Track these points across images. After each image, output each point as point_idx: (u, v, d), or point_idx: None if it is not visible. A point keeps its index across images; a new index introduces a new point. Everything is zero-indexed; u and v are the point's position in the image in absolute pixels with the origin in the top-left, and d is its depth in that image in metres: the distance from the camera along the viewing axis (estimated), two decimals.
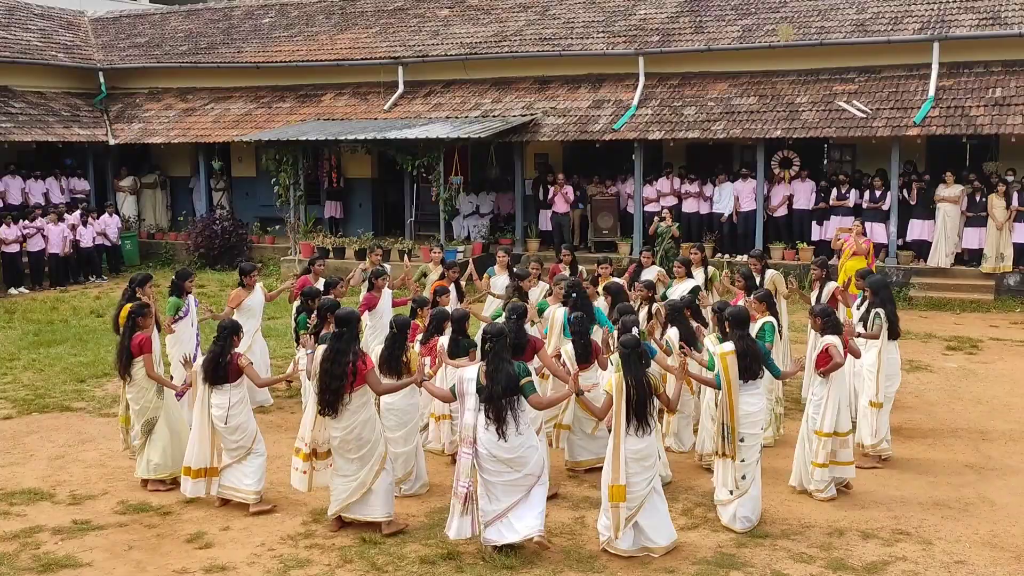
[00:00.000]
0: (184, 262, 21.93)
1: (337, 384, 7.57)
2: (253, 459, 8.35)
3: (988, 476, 9.04)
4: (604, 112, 19.91)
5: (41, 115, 22.77)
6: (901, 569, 7.10)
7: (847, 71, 19.21)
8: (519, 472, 7.25)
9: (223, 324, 8.53)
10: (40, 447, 10.10)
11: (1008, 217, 17.29)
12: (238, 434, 8.30)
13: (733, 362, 7.85)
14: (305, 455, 7.96)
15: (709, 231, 19.71)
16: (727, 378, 7.84)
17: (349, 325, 7.81)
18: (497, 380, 7.19)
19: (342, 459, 7.79)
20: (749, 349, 7.95)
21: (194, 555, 7.47)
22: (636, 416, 7.20)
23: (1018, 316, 16.19)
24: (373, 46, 23.02)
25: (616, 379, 7.29)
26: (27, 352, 14.17)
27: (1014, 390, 11.86)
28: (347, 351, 7.63)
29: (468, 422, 7.34)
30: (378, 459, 7.74)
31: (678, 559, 7.27)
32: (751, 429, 7.91)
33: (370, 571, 7.12)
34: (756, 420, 7.97)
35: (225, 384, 8.25)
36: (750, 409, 7.91)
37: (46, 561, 7.32)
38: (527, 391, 7.27)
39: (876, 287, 9.76)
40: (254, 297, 11.31)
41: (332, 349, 7.66)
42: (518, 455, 7.22)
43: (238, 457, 8.32)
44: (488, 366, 7.27)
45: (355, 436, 7.67)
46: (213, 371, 8.25)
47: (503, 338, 7.40)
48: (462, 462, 7.34)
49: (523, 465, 7.25)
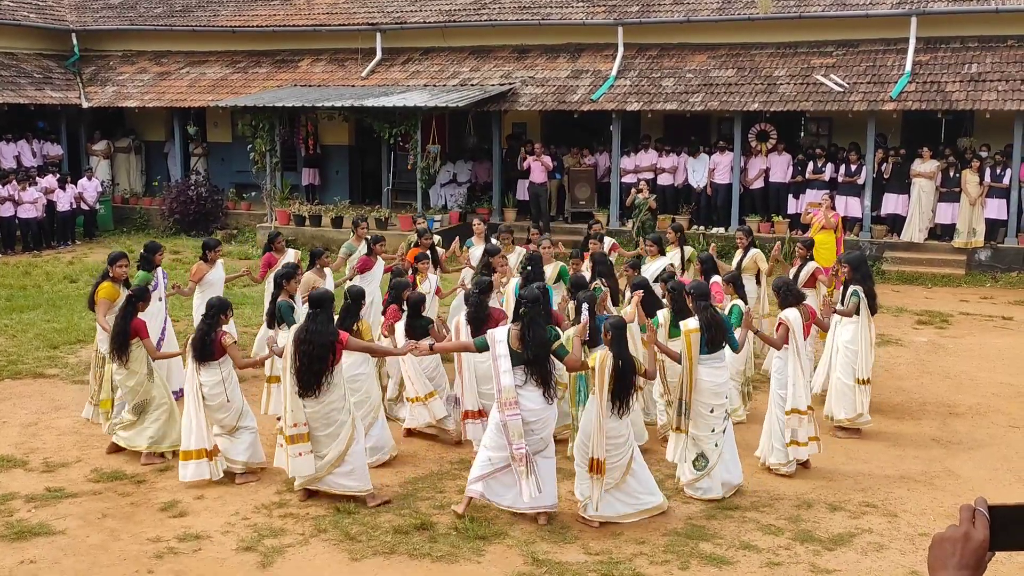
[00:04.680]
0: (159, 227, 21.81)
1: (317, 366, 7.57)
2: (242, 434, 8.35)
3: (954, 450, 9.19)
4: (582, 82, 19.85)
5: (12, 76, 22.41)
6: (867, 541, 7.22)
7: (825, 44, 19.23)
8: (537, 434, 7.36)
9: (211, 302, 8.55)
10: (12, 414, 10.04)
11: (981, 193, 17.43)
12: (223, 412, 8.29)
13: (696, 340, 7.93)
14: (301, 437, 7.82)
15: (685, 203, 19.77)
16: (689, 355, 7.92)
17: (324, 305, 7.81)
18: (532, 343, 7.26)
19: (312, 436, 7.80)
20: (713, 320, 8.01)
21: (168, 524, 7.49)
22: (618, 397, 7.25)
23: (988, 291, 16.37)
24: (351, 12, 22.77)
25: (601, 356, 7.34)
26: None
27: (982, 365, 12.02)
28: (325, 332, 7.62)
29: (507, 383, 7.32)
30: (346, 436, 7.74)
31: (648, 530, 7.37)
32: (717, 400, 7.99)
33: (344, 540, 7.17)
34: (721, 391, 8.05)
35: (212, 361, 8.23)
36: (717, 380, 7.99)
37: (19, 529, 7.31)
38: (561, 353, 7.39)
39: (855, 263, 9.79)
40: (215, 272, 11.28)
41: (307, 330, 7.65)
42: (542, 417, 7.35)
43: (226, 434, 8.32)
44: (524, 330, 7.31)
45: (326, 413, 7.70)
46: (200, 348, 8.22)
47: (538, 304, 7.46)
48: (511, 424, 7.29)
49: (543, 427, 7.39)
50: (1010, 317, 14.48)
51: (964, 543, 1.72)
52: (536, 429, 7.36)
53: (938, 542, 1.76)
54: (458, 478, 8.40)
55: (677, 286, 8.91)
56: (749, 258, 11.41)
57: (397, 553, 6.97)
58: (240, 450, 8.34)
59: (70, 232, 20.97)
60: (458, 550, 6.99)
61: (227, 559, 6.92)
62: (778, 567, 6.80)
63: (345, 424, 7.76)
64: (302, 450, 7.74)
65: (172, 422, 8.78)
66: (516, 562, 6.84)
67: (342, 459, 7.73)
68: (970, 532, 1.72)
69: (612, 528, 7.38)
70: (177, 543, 7.15)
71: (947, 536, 1.75)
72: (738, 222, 18.42)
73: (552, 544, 7.12)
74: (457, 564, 6.81)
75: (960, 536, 1.73)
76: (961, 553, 1.72)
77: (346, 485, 7.80)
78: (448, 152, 21.42)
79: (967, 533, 1.72)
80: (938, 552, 1.75)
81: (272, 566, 6.80)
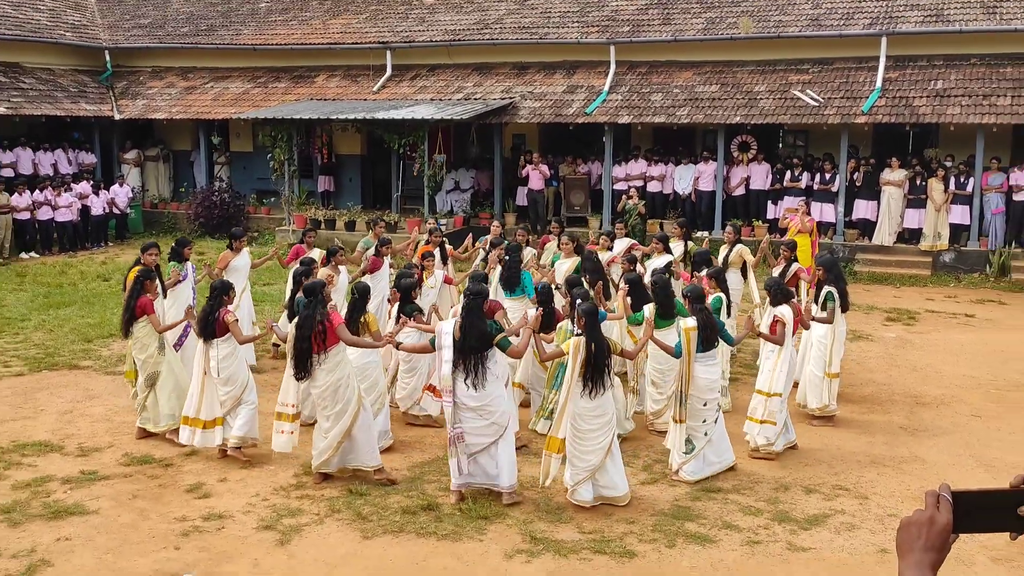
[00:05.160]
0: (185, 231, 21.75)
1: (305, 345, 7.61)
2: (243, 408, 8.34)
3: (920, 437, 9.18)
4: (577, 97, 19.83)
5: (50, 91, 22.38)
6: (840, 521, 7.22)
7: (802, 62, 19.21)
8: (486, 420, 7.33)
9: (215, 284, 8.59)
10: (50, 402, 10.05)
11: (945, 199, 17.44)
12: (228, 385, 8.30)
13: (694, 337, 7.95)
14: (289, 416, 7.98)
15: (672, 209, 19.75)
16: (688, 350, 7.93)
17: (315, 294, 7.87)
18: (470, 335, 7.25)
19: (320, 416, 7.84)
20: (708, 322, 8.03)
21: (193, 504, 7.49)
22: (591, 379, 7.22)
23: (952, 290, 16.37)
24: (363, 31, 22.75)
25: (575, 341, 7.32)
26: (37, 313, 14.05)
27: (946, 359, 12.01)
28: (314, 316, 7.67)
29: (445, 373, 7.35)
30: (351, 414, 7.74)
31: (638, 511, 7.36)
32: (710, 394, 8.01)
33: (356, 520, 7.17)
34: (714, 386, 8.09)
35: (214, 339, 8.26)
36: (710, 376, 8.02)
37: (56, 508, 7.32)
38: (504, 345, 7.37)
39: (827, 265, 9.75)
40: (241, 259, 11.37)
41: (301, 316, 7.75)
42: (485, 403, 7.30)
43: (230, 408, 8.32)
44: (463, 322, 7.31)
45: (331, 393, 7.70)
46: (204, 326, 8.27)
47: (478, 298, 7.47)
48: (447, 410, 7.38)
49: (491, 413, 7.32)
50: (972, 315, 14.47)
51: (929, 526, 1.72)
52: (482, 413, 7.31)
53: (905, 526, 1.76)
54: None
55: (662, 282, 8.96)
56: (735, 253, 11.44)
57: (405, 531, 6.97)
58: (239, 424, 8.31)
59: (103, 234, 20.96)
60: (462, 529, 7.00)
61: (248, 537, 6.92)
62: (757, 545, 6.80)
63: (351, 402, 7.74)
64: (284, 428, 7.87)
65: (184, 396, 8.76)
66: (515, 540, 6.83)
67: (348, 434, 7.71)
68: (935, 516, 1.72)
69: (604, 509, 7.37)
70: (202, 522, 7.15)
71: (913, 520, 1.75)
72: (721, 227, 18.41)
73: (548, 524, 7.12)
74: (461, 542, 6.81)
75: (925, 520, 1.73)
76: (926, 536, 1.72)
77: (360, 460, 7.81)
78: (453, 161, 21.41)
79: (932, 517, 1.72)
80: (905, 535, 1.75)
81: (290, 543, 6.80)
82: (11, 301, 14.93)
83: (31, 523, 7.08)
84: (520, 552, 6.64)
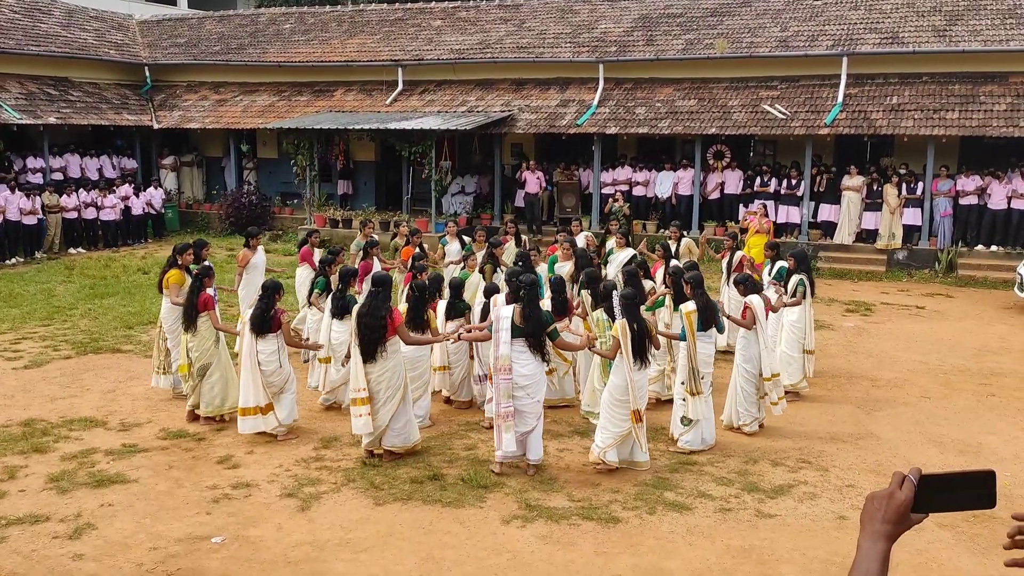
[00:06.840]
0: (216, 229, 21.79)
1: (376, 335, 7.47)
2: (284, 396, 8.28)
3: (876, 416, 9.18)
4: (569, 110, 19.77)
5: (96, 103, 22.30)
6: (803, 491, 7.22)
7: (771, 79, 19.15)
8: (533, 399, 7.31)
9: (266, 284, 8.39)
10: (95, 382, 10.04)
11: (899, 203, 17.42)
12: (275, 376, 8.21)
13: (694, 318, 8.00)
14: (363, 400, 7.60)
15: (654, 211, 19.72)
16: (691, 331, 7.98)
17: (384, 285, 7.69)
18: (531, 321, 7.25)
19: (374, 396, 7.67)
20: (708, 304, 8.07)
21: (223, 474, 7.48)
22: (638, 354, 7.26)
23: (904, 285, 16.36)
24: (377, 50, 22.67)
25: (621, 324, 7.30)
26: (84, 303, 14.03)
27: (899, 345, 12.01)
28: (382, 307, 7.53)
29: (504, 352, 7.29)
30: (398, 399, 7.61)
31: (622, 480, 7.35)
32: (707, 368, 8.10)
33: (369, 488, 7.16)
34: (710, 360, 8.19)
35: (269, 334, 8.18)
36: (707, 352, 8.12)
37: (100, 478, 7.31)
38: (554, 336, 7.38)
39: (799, 257, 9.83)
40: (258, 256, 11.28)
41: (369, 305, 7.55)
42: (534, 382, 7.29)
43: (273, 395, 8.23)
44: (524, 310, 7.28)
45: (386, 379, 7.57)
46: (260, 323, 8.14)
47: (535, 287, 7.43)
48: (501, 387, 7.27)
49: (537, 392, 7.34)
50: (923, 307, 14.46)
51: (889, 500, 1.74)
52: (531, 392, 7.32)
53: (869, 499, 1.78)
54: (465, 438, 8.39)
55: (677, 271, 8.95)
56: (684, 246, 11.57)
57: (413, 499, 6.95)
58: (283, 415, 8.29)
59: (143, 232, 20.91)
60: (464, 497, 6.98)
61: (272, 503, 6.91)
62: (729, 512, 6.79)
63: (399, 389, 7.64)
64: (362, 412, 7.55)
65: (230, 387, 8.69)
66: (512, 507, 6.83)
67: (394, 416, 7.60)
68: (895, 493, 1.74)
69: (591, 478, 7.37)
70: (231, 490, 7.14)
71: (877, 494, 1.77)
72: (699, 227, 18.42)
73: (542, 492, 7.11)
74: (463, 509, 6.80)
75: (887, 495, 1.75)
76: (886, 509, 1.74)
77: (405, 440, 7.72)
78: (457, 167, 21.35)
79: (892, 493, 1.74)
80: (868, 507, 1.77)
81: (309, 509, 6.79)
82: (60, 291, 14.91)
83: (77, 490, 7.07)
84: (516, 518, 6.64)
